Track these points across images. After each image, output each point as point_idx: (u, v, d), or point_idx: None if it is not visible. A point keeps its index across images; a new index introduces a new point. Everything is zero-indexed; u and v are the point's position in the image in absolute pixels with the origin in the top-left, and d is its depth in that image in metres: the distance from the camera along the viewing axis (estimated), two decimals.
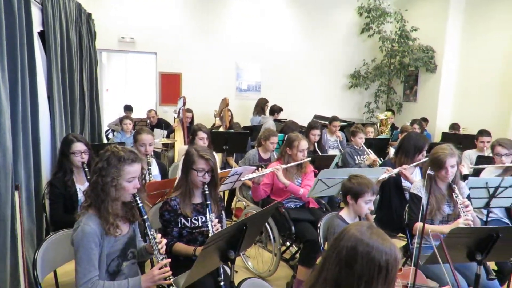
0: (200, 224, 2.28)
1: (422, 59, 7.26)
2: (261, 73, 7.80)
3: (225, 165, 4.81)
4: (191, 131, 3.75)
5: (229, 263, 1.82)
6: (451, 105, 7.37)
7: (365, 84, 8.17)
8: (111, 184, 1.72)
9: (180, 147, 4.78)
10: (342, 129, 5.92)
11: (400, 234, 3.32)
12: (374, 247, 1.12)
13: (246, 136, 4.73)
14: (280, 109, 6.48)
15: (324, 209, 3.43)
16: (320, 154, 4.59)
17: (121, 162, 1.73)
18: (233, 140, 4.46)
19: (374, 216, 3.39)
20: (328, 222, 2.44)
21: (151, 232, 1.79)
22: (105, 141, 6.03)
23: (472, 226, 2.33)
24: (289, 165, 3.14)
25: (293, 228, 3.02)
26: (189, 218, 2.25)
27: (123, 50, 7.20)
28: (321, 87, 8.23)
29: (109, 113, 8.49)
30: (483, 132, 4.66)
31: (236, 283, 1.95)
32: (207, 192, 2.25)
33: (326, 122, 5.74)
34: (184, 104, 5.59)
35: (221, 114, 6.05)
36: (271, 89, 7.65)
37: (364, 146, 4.57)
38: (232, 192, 4.45)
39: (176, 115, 6.07)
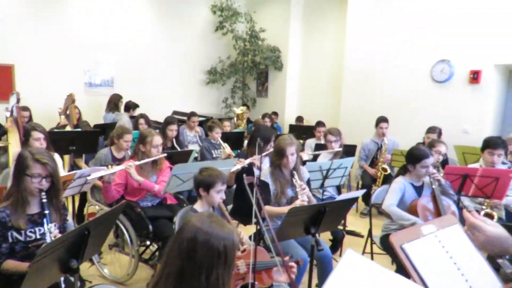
0: (38, 237, 2.02)
1: (270, 58, 7.92)
2: (115, 67, 7.28)
3: (73, 167, 4.36)
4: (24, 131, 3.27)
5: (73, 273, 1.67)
6: (296, 100, 8.27)
7: (221, 80, 8.46)
8: None
9: (15, 150, 4.10)
10: (201, 124, 6.04)
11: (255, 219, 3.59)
12: (213, 235, 1.18)
13: (96, 135, 4.37)
14: (136, 106, 6.20)
15: (184, 205, 3.45)
16: (179, 149, 4.60)
17: None
18: (81, 140, 4.07)
19: (232, 205, 3.60)
20: (183, 217, 2.47)
21: None
22: None
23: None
24: (142, 161, 3.04)
25: (150, 226, 2.95)
26: (22, 231, 1.98)
27: None
28: (179, 83, 8.17)
29: None
30: (319, 123, 5.43)
31: None
32: (45, 200, 2.00)
33: (185, 118, 5.77)
34: (18, 101, 4.79)
35: (67, 112, 5.43)
36: (126, 84, 7.21)
37: (220, 141, 4.75)
38: (83, 197, 4.08)
39: (8, 114, 5.16)
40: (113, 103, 6.11)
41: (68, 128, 5.15)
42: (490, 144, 3.37)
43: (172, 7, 7.83)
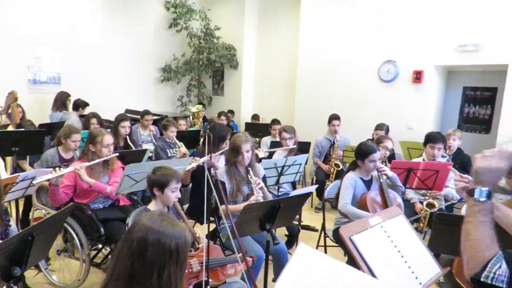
0: None
1: (226, 56, 7.90)
2: (62, 63, 6.88)
3: (16, 170, 4.09)
4: None
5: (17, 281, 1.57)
6: (252, 98, 8.33)
7: (176, 78, 8.30)
8: None
9: None
10: (155, 122, 5.90)
11: (212, 218, 3.58)
12: (164, 233, 1.17)
13: (42, 135, 4.14)
14: (86, 104, 5.92)
15: (139, 205, 3.36)
16: (134, 149, 4.47)
17: None
18: (25, 140, 3.83)
19: (188, 205, 3.56)
20: (137, 218, 2.41)
21: None
22: None
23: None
24: (92, 162, 2.93)
25: (102, 229, 2.85)
26: None
27: None
28: (132, 80, 7.90)
29: None
30: (275, 121, 5.51)
31: None
32: None
33: (138, 117, 5.61)
34: None
35: (9, 111, 5.08)
36: (75, 81, 6.85)
37: (175, 139, 4.68)
38: (29, 200, 3.84)
39: None
40: (60, 101, 5.80)
41: (10, 128, 4.84)
42: (431, 139, 3.62)
43: (123, 2, 7.56)
